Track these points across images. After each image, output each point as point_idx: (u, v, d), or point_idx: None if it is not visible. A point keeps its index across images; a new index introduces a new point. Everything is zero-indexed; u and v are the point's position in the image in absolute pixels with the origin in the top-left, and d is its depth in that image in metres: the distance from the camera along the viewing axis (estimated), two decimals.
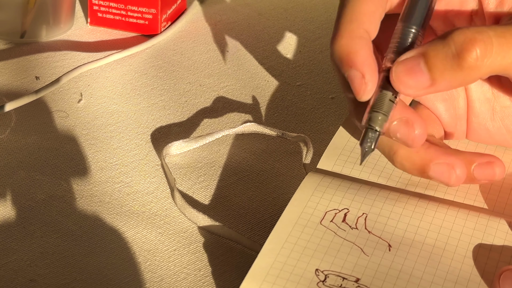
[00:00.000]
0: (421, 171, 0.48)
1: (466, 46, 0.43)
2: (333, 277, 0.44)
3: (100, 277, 0.48)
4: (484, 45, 0.43)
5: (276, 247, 0.45)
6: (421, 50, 0.45)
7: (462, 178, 0.47)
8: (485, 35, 0.43)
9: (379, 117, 0.46)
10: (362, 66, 0.46)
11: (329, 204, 0.48)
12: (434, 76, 0.44)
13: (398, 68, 0.45)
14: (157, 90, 0.67)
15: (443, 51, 0.43)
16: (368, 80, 0.45)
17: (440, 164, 0.47)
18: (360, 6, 0.47)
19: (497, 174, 0.48)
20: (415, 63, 0.44)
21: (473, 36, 0.43)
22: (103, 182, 0.56)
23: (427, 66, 0.44)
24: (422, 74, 0.44)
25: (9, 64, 0.69)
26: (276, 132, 0.60)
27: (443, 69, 0.44)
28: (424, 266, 0.44)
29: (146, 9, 0.74)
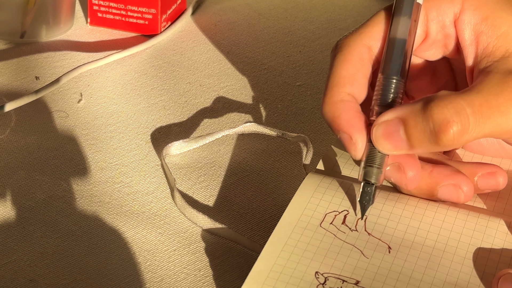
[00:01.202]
0: (429, 195, 0.49)
1: (443, 127, 0.44)
2: (333, 279, 0.44)
3: (100, 277, 0.48)
4: (461, 126, 0.44)
5: (276, 250, 0.45)
6: (400, 114, 0.46)
7: (470, 195, 0.48)
8: (463, 115, 0.44)
9: (374, 171, 0.47)
10: (348, 128, 0.47)
11: (328, 206, 0.48)
12: (412, 144, 0.46)
13: (378, 132, 0.46)
14: (157, 90, 0.67)
15: (422, 125, 0.45)
16: (355, 141, 0.47)
17: (447, 186, 0.48)
18: (341, 71, 0.49)
19: (500, 183, 0.49)
20: (394, 129, 0.46)
21: (451, 118, 0.44)
22: (103, 182, 0.56)
23: (406, 134, 0.45)
24: (401, 140, 0.46)
25: (9, 64, 0.69)
26: (276, 132, 0.60)
27: (421, 140, 0.45)
28: (424, 268, 0.44)
29: (146, 9, 0.74)
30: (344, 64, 0.49)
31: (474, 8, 0.48)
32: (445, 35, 0.49)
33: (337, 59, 0.49)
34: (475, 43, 0.48)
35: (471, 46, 0.49)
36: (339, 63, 0.49)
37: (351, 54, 0.49)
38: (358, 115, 0.47)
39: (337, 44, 0.50)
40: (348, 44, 0.49)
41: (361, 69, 0.49)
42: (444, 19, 0.49)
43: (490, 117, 0.45)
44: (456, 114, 0.44)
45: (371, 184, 0.47)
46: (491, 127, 0.45)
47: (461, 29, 0.49)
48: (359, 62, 0.49)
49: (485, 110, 0.45)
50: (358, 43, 0.49)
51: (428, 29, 0.49)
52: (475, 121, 0.44)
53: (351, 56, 0.49)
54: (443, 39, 0.50)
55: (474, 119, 0.44)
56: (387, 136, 0.46)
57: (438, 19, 0.49)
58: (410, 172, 0.47)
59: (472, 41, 0.48)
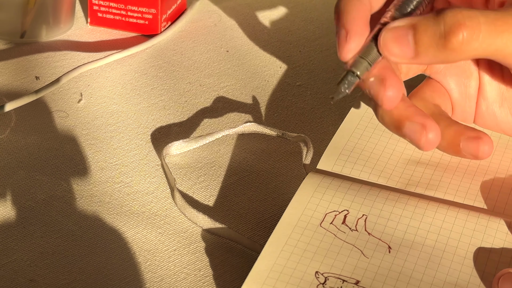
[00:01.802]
0: (397, 127, 0.48)
1: (454, 28, 0.44)
2: (333, 279, 0.44)
3: (100, 277, 0.48)
4: (471, 30, 0.43)
5: (276, 250, 0.45)
6: (412, 21, 0.45)
7: (433, 143, 0.47)
8: (475, 21, 0.44)
9: (363, 64, 0.47)
10: (349, 25, 0.46)
11: (328, 205, 0.48)
12: (419, 50, 0.45)
13: (387, 35, 0.46)
14: (157, 90, 0.67)
15: (432, 29, 0.44)
16: (350, 39, 0.46)
17: (415, 124, 0.47)
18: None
19: (481, 151, 0.48)
20: (404, 33, 0.45)
21: (463, 20, 0.44)
22: (103, 182, 0.56)
23: (414, 39, 0.45)
24: (408, 45, 0.45)
25: (9, 64, 0.69)
26: (276, 132, 0.60)
27: (428, 45, 0.45)
28: (424, 267, 0.44)
29: (146, 9, 0.74)
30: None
31: None
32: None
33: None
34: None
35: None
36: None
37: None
38: (365, 20, 0.47)
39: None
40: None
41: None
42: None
43: (503, 31, 0.44)
44: (469, 18, 0.43)
45: (355, 75, 0.47)
46: (504, 42, 0.44)
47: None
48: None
49: (499, 23, 0.44)
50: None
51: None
52: (487, 30, 0.44)
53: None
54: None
55: (486, 28, 0.44)
56: (395, 39, 0.45)
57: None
58: (390, 91, 0.46)
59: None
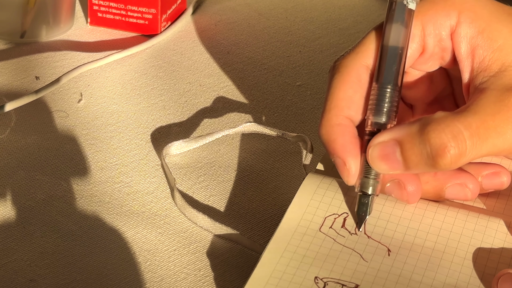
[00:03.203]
0: (437, 197, 0.49)
1: (441, 152, 0.44)
2: (332, 284, 0.44)
3: (100, 277, 0.48)
4: (458, 150, 0.44)
5: (275, 256, 0.45)
6: (397, 135, 0.45)
7: (476, 192, 0.48)
8: (460, 138, 0.44)
9: (370, 182, 0.47)
10: (342, 153, 0.47)
11: (328, 208, 0.48)
12: (409, 166, 0.45)
13: (374, 153, 0.46)
14: (157, 90, 0.67)
15: (418, 148, 0.44)
16: (349, 167, 0.47)
17: (453, 186, 0.48)
18: (338, 93, 0.48)
19: (505, 183, 0.49)
20: (390, 151, 0.45)
21: (449, 143, 0.44)
22: (103, 182, 0.56)
23: (402, 156, 0.45)
24: (397, 161, 0.45)
25: (9, 64, 0.69)
26: (276, 132, 0.60)
27: (417, 162, 0.45)
28: (424, 269, 0.44)
29: (146, 9, 0.74)
30: (341, 86, 0.48)
31: (470, 20, 0.48)
32: (442, 48, 0.49)
33: (335, 81, 0.48)
34: (471, 57, 0.48)
35: (467, 60, 0.48)
36: (336, 85, 0.48)
37: (349, 75, 0.48)
38: (353, 140, 0.47)
39: (335, 64, 0.49)
40: (345, 64, 0.48)
41: (359, 90, 0.48)
42: (440, 33, 0.48)
43: (487, 138, 0.44)
44: (453, 138, 0.44)
45: (368, 195, 0.47)
46: (488, 148, 0.45)
47: (457, 42, 0.48)
48: (357, 83, 0.48)
49: (482, 132, 0.44)
50: (356, 64, 0.48)
51: (425, 44, 0.49)
52: (472, 144, 0.44)
53: (348, 77, 0.48)
54: (440, 52, 0.49)
55: (471, 142, 0.44)
56: (383, 157, 0.46)
57: (435, 33, 0.48)
58: (410, 187, 0.47)
59: (468, 55, 0.48)
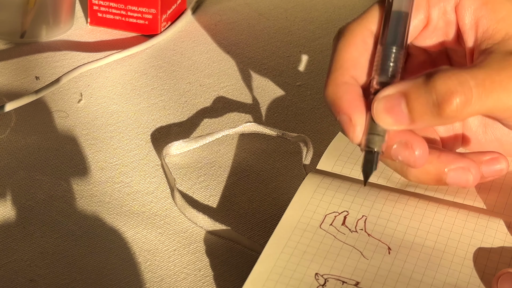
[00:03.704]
0: (437, 180, 0.48)
1: (447, 97, 0.44)
2: (332, 281, 0.44)
3: (100, 277, 0.48)
4: (464, 97, 0.44)
5: (276, 252, 0.45)
6: (403, 88, 0.46)
7: (478, 178, 0.48)
8: (466, 86, 0.44)
9: (376, 139, 0.46)
10: (348, 109, 0.47)
11: (328, 206, 0.48)
12: (414, 118, 0.45)
13: (379, 105, 0.46)
14: (157, 90, 0.67)
15: (424, 97, 0.45)
16: (355, 122, 0.47)
17: (456, 169, 0.48)
18: (344, 54, 0.48)
19: (504, 168, 0.49)
20: (396, 103, 0.45)
21: (455, 88, 0.44)
22: (103, 182, 0.56)
23: (408, 107, 0.45)
24: (402, 114, 0.45)
25: (9, 64, 0.69)
26: (276, 132, 0.60)
27: (423, 113, 0.45)
28: (424, 268, 0.44)
29: (146, 9, 0.74)
30: (347, 48, 0.49)
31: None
32: (446, 21, 0.49)
33: (340, 44, 0.49)
34: (475, 27, 0.48)
35: (471, 30, 0.49)
36: (342, 47, 0.49)
37: (355, 38, 0.49)
38: (359, 98, 0.47)
39: (340, 30, 0.50)
40: (351, 29, 0.49)
41: (365, 53, 0.49)
42: (445, 6, 0.49)
43: (492, 91, 0.45)
44: (459, 84, 0.44)
45: (373, 152, 0.47)
46: (493, 102, 0.45)
47: (461, 13, 0.49)
48: (362, 46, 0.49)
49: (487, 84, 0.45)
50: (361, 28, 0.49)
51: (429, 16, 0.49)
52: (478, 93, 0.44)
53: (354, 40, 0.49)
54: (444, 27, 0.50)
55: (477, 91, 0.44)
56: (388, 110, 0.46)
57: (440, 5, 0.49)
58: (418, 150, 0.47)
59: (472, 25, 0.49)
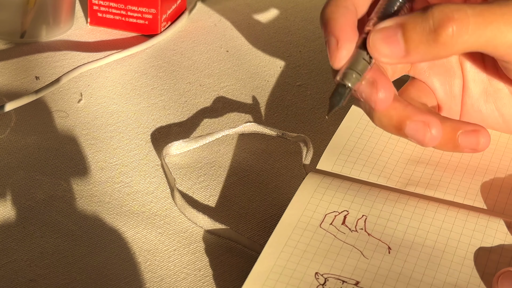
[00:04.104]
0: (397, 128, 0.48)
1: (443, 22, 0.44)
2: (332, 280, 0.44)
3: (100, 277, 0.48)
4: (460, 23, 0.44)
5: (276, 251, 0.45)
6: (400, 20, 0.46)
7: (437, 138, 0.47)
8: (463, 13, 0.44)
9: (353, 75, 0.46)
10: (339, 33, 0.47)
11: (328, 206, 0.48)
12: (409, 48, 0.45)
13: (376, 36, 0.46)
14: (157, 90, 0.67)
15: (421, 25, 0.44)
16: (341, 47, 0.46)
17: (416, 122, 0.47)
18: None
19: (480, 143, 0.48)
20: (392, 33, 0.45)
21: (451, 14, 0.44)
22: (103, 182, 0.56)
23: (404, 37, 0.45)
24: (398, 44, 0.45)
25: (9, 64, 0.69)
26: (276, 132, 0.60)
27: (418, 42, 0.45)
28: (424, 268, 0.44)
29: (146, 9, 0.74)
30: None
31: None
32: None
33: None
34: None
35: None
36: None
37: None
38: (353, 25, 0.47)
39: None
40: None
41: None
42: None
43: (492, 22, 0.44)
44: (456, 11, 0.44)
45: (346, 87, 0.46)
46: (493, 33, 0.44)
47: None
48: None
49: (487, 14, 0.44)
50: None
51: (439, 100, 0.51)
52: (476, 22, 0.44)
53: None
54: None
55: (474, 20, 0.44)
56: (384, 39, 0.45)
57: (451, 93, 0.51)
58: (382, 92, 0.46)
59: None
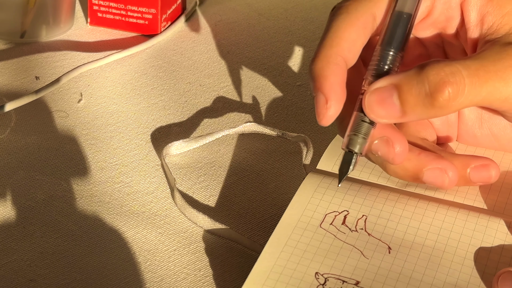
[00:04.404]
0: (414, 178, 0.48)
1: (439, 87, 0.44)
2: (332, 280, 0.44)
3: (100, 277, 0.48)
4: (456, 87, 0.44)
5: (276, 251, 0.45)
6: (394, 80, 0.45)
7: (455, 181, 0.48)
8: (459, 76, 0.44)
9: (358, 140, 0.47)
10: (329, 91, 0.46)
11: (328, 206, 0.48)
12: (406, 110, 0.45)
13: (371, 98, 0.46)
14: (157, 90, 0.67)
15: (417, 88, 0.44)
16: (330, 106, 0.46)
17: (433, 169, 0.48)
18: (343, 32, 0.48)
19: (492, 176, 0.49)
20: (388, 95, 0.45)
21: (447, 78, 0.44)
22: (103, 182, 0.56)
23: (400, 99, 0.45)
24: (394, 106, 0.45)
25: (9, 64, 0.69)
26: (276, 132, 0.60)
27: (414, 104, 0.45)
28: (424, 268, 0.44)
29: (146, 9, 0.74)
30: (348, 27, 0.47)
31: None
32: (448, 17, 0.49)
33: (340, 20, 0.48)
34: (480, 24, 0.48)
35: (476, 27, 0.48)
36: (341, 25, 0.48)
37: (358, 19, 0.48)
38: (343, 84, 0.47)
39: (343, 4, 0.49)
40: (355, 8, 0.48)
41: (362, 37, 0.48)
42: (450, 0, 0.49)
43: (487, 80, 0.44)
44: (451, 74, 0.44)
45: (353, 153, 0.47)
46: (488, 91, 0.44)
47: (467, 10, 0.48)
48: (362, 30, 0.48)
49: (481, 74, 0.44)
50: (366, 10, 0.48)
51: (432, 9, 0.49)
52: (471, 83, 0.44)
53: (357, 21, 0.48)
54: (444, 21, 0.49)
55: (470, 81, 0.44)
56: (379, 102, 0.45)
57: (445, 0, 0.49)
58: (398, 147, 0.47)
59: (478, 22, 0.48)
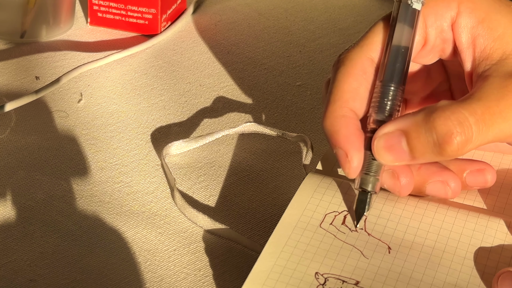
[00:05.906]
0: (418, 192, 0.49)
1: (447, 138, 0.44)
2: (332, 280, 0.44)
3: (100, 277, 0.48)
4: (465, 137, 0.44)
5: (276, 251, 0.45)
6: (402, 126, 0.46)
7: (458, 190, 0.48)
8: (466, 125, 0.44)
9: (370, 179, 0.47)
10: (345, 145, 0.47)
11: (328, 206, 0.48)
12: (415, 155, 0.45)
13: (379, 144, 0.46)
14: (157, 90, 0.67)
15: (425, 137, 0.45)
16: (351, 158, 0.47)
17: (435, 183, 0.48)
18: (343, 84, 0.48)
19: (488, 181, 0.49)
20: (396, 141, 0.46)
21: (455, 129, 0.44)
22: (103, 182, 0.56)
23: (409, 146, 0.45)
24: (403, 152, 0.45)
25: (9, 64, 0.69)
26: (276, 132, 0.60)
27: (423, 151, 0.45)
28: (424, 268, 0.44)
29: (146, 9, 0.74)
30: (346, 78, 0.48)
31: (470, 11, 0.48)
32: (443, 39, 0.49)
33: (340, 73, 0.48)
34: (472, 46, 0.48)
35: (468, 50, 0.48)
36: (341, 78, 0.48)
37: (354, 68, 0.48)
38: (357, 133, 0.47)
39: (339, 58, 0.49)
40: (350, 57, 0.48)
41: (364, 82, 0.48)
42: (442, 24, 0.49)
43: (493, 124, 0.45)
44: (459, 125, 0.44)
45: (367, 192, 0.47)
46: (494, 134, 0.45)
47: (458, 32, 0.48)
48: (362, 76, 0.48)
49: (487, 117, 0.45)
50: (361, 56, 0.48)
51: (427, 36, 0.49)
52: (478, 130, 0.44)
53: (353, 70, 0.48)
54: (441, 44, 0.50)
55: (477, 128, 0.44)
56: (388, 148, 0.46)
57: (436, 24, 0.49)
58: (403, 179, 0.47)
59: (469, 45, 0.48)
